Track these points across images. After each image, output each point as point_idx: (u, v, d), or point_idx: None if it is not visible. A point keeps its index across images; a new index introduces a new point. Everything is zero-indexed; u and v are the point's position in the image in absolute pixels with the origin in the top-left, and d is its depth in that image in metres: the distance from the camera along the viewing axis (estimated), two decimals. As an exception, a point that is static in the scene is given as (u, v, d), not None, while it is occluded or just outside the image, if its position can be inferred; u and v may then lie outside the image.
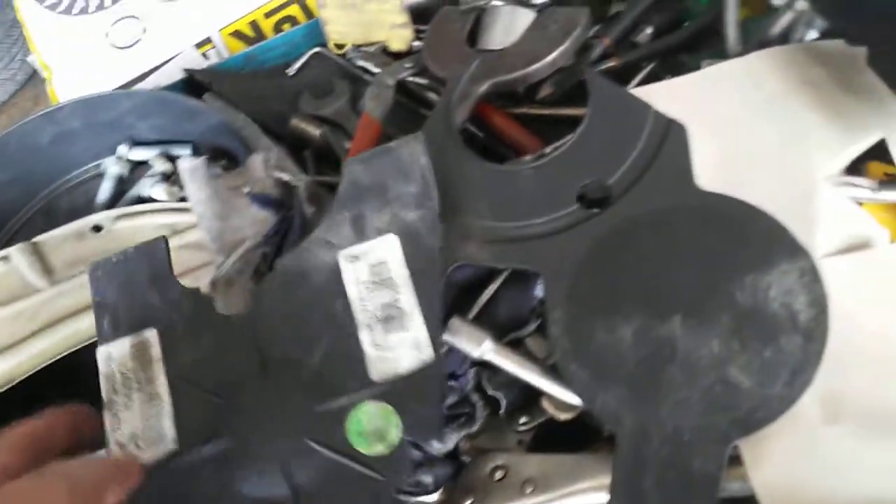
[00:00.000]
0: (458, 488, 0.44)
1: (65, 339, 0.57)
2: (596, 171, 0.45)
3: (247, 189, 0.52)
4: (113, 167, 0.69)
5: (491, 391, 0.44)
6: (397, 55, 0.68)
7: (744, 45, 0.51)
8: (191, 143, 0.68)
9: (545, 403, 0.43)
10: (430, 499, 0.44)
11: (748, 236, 0.40)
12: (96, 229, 0.59)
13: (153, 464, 0.42)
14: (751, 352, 0.37)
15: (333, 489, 0.39)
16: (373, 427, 0.39)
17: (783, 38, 0.51)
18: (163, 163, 0.67)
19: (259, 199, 0.52)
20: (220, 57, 0.76)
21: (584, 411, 0.41)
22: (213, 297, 0.47)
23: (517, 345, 0.45)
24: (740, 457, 0.37)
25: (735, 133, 0.45)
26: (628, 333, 0.39)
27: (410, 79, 0.64)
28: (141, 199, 0.67)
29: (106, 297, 0.47)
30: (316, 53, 0.71)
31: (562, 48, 0.54)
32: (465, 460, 0.45)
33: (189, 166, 0.49)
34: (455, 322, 0.43)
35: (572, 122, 0.49)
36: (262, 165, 0.53)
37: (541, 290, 0.44)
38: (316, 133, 0.65)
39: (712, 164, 0.43)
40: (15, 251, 0.57)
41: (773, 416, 0.36)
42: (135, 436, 0.42)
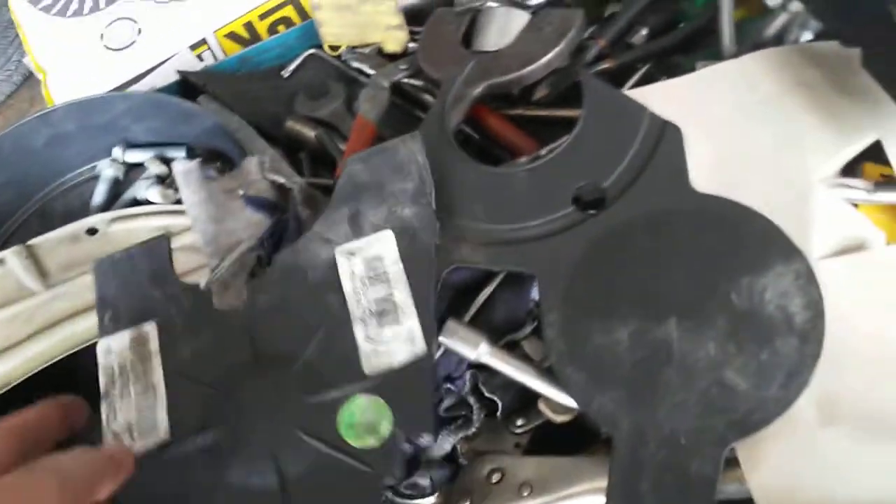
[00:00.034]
0: (455, 491, 0.44)
1: (61, 341, 0.56)
2: (591, 173, 0.45)
3: (241, 192, 0.52)
4: (108, 170, 0.69)
5: (488, 393, 0.44)
6: (392, 57, 0.68)
7: (738, 47, 0.51)
8: (185, 145, 0.68)
9: (542, 406, 0.43)
10: (428, 501, 0.44)
11: (743, 238, 0.40)
12: (91, 232, 0.59)
13: (144, 453, 0.42)
14: (747, 354, 0.37)
15: (322, 481, 0.39)
16: (364, 420, 0.39)
17: (778, 40, 0.51)
18: (157, 165, 0.67)
19: (254, 202, 0.52)
20: (215, 58, 0.76)
21: (581, 414, 0.41)
22: (211, 291, 0.47)
23: (513, 347, 0.45)
24: (737, 459, 0.37)
25: (730, 135, 0.45)
26: (624, 336, 0.39)
27: (405, 80, 0.64)
28: (136, 202, 0.67)
29: (108, 293, 0.48)
30: (311, 55, 0.71)
31: (557, 50, 0.54)
32: (463, 463, 0.45)
33: (183, 169, 0.49)
34: (451, 324, 0.43)
35: (568, 123, 0.49)
36: (257, 168, 0.53)
37: (537, 292, 0.44)
38: (311, 135, 0.65)
39: (707, 166, 0.43)
40: (10, 254, 0.57)
41: (769, 418, 0.36)
42: (129, 426, 0.43)
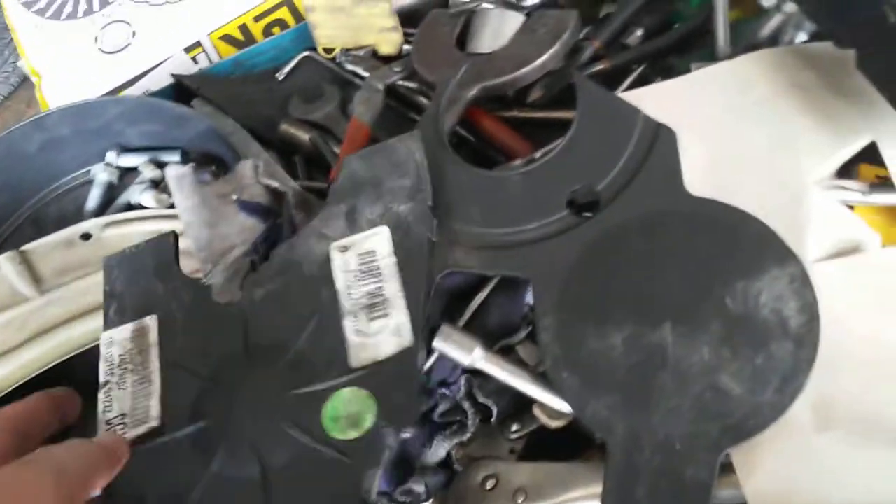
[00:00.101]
0: (449, 497, 0.44)
1: (55, 348, 0.56)
2: (585, 176, 0.45)
3: (235, 196, 0.51)
4: (102, 174, 0.68)
5: (482, 399, 0.44)
6: (387, 59, 0.67)
7: (733, 48, 0.51)
8: (180, 149, 0.68)
9: (536, 411, 0.43)
10: (422, 508, 0.44)
11: (738, 242, 0.40)
12: (85, 237, 0.58)
13: (134, 442, 0.42)
14: (742, 359, 0.37)
15: (303, 472, 0.39)
16: (347, 412, 0.39)
17: (772, 41, 0.51)
18: (152, 169, 0.67)
19: (248, 207, 0.52)
20: (209, 61, 0.76)
21: (576, 419, 0.41)
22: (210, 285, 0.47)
23: (508, 352, 0.45)
24: (732, 464, 0.37)
25: (724, 136, 0.45)
26: (619, 340, 0.39)
27: (400, 83, 0.64)
28: (130, 206, 0.66)
29: (115, 287, 0.49)
30: (305, 57, 0.71)
31: (551, 51, 0.54)
32: (457, 469, 0.45)
33: (176, 174, 0.49)
34: (445, 329, 0.43)
35: (563, 125, 0.49)
36: (251, 172, 0.53)
37: (531, 296, 0.44)
38: (305, 138, 0.64)
39: (701, 169, 0.43)
40: (3, 260, 0.56)
41: (764, 423, 0.36)
42: (123, 415, 0.43)
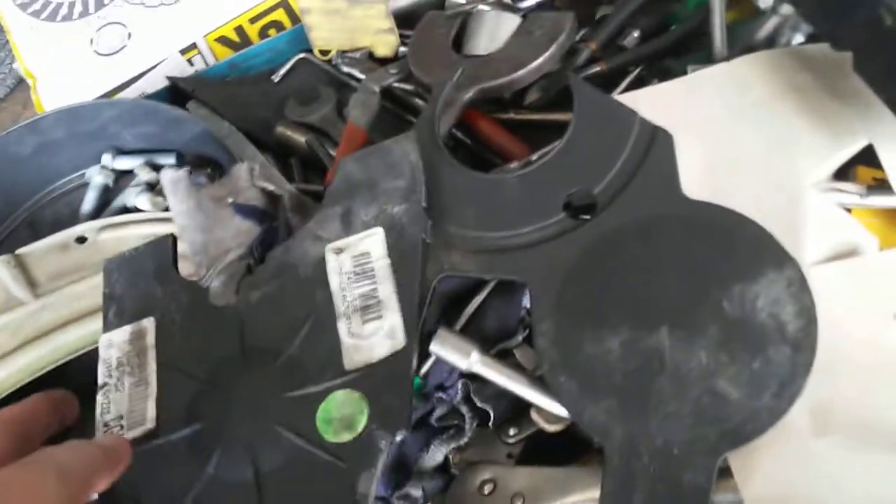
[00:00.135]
0: (447, 502, 0.44)
1: (50, 352, 0.56)
2: (582, 179, 0.44)
3: (231, 200, 0.51)
4: (97, 177, 0.68)
5: (480, 403, 0.44)
6: (383, 61, 0.67)
7: (730, 50, 0.51)
8: (175, 151, 0.67)
9: (534, 415, 0.43)
10: (420, 513, 0.44)
11: (735, 245, 0.40)
12: (80, 240, 0.58)
13: (131, 444, 0.42)
14: (739, 363, 0.37)
15: (296, 475, 0.39)
16: (340, 414, 0.39)
17: (769, 43, 0.50)
18: (147, 172, 0.67)
19: (243, 210, 0.51)
20: (205, 63, 0.76)
21: (573, 423, 0.40)
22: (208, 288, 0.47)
23: (505, 355, 0.45)
24: (730, 469, 0.37)
25: (721, 139, 0.45)
26: (616, 344, 0.39)
27: (396, 85, 0.64)
28: (126, 209, 0.66)
29: (115, 290, 0.49)
30: (301, 59, 0.71)
31: (547, 53, 0.54)
32: (455, 473, 0.45)
33: (171, 179, 0.49)
34: (442, 333, 0.43)
35: (560, 127, 0.49)
36: (247, 175, 0.52)
37: (528, 300, 0.44)
38: (302, 140, 0.64)
39: (698, 171, 0.43)
40: (-2, 264, 0.56)
41: (762, 428, 0.35)
42: (120, 417, 0.44)
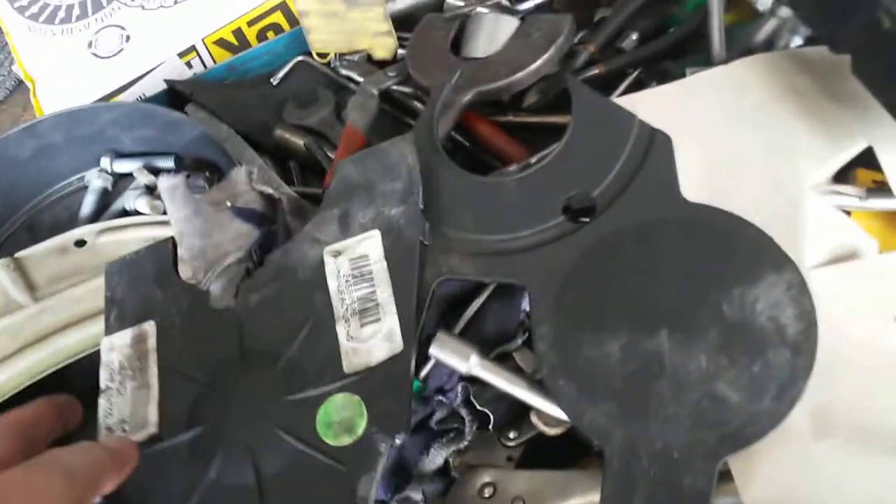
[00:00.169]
0: (447, 506, 0.44)
1: (50, 356, 0.56)
2: (580, 182, 0.44)
3: (229, 203, 0.51)
4: (96, 180, 0.68)
5: (479, 406, 0.44)
6: (381, 64, 0.67)
7: (728, 52, 0.51)
8: (174, 154, 0.67)
9: (534, 418, 0.43)
10: (420, 516, 0.44)
11: (734, 248, 0.40)
12: (79, 244, 0.58)
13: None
14: (739, 366, 0.37)
15: (297, 479, 0.39)
16: (340, 418, 0.39)
17: (768, 45, 0.50)
18: (146, 175, 0.66)
19: (242, 213, 0.51)
20: (204, 66, 0.76)
21: (573, 427, 0.40)
22: (209, 291, 0.47)
23: (504, 359, 0.45)
24: (730, 472, 0.37)
25: (720, 142, 0.45)
26: (616, 348, 0.39)
27: (395, 87, 0.64)
28: (125, 212, 0.66)
29: (116, 293, 0.49)
30: (299, 62, 0.71)
31: (546, 56, 0.54)
32: (455, 476, 0.45)
33: (168, 185, 0.48)
34: (442, 337, 0.43)
35: (558, 129, 0.49)
36: (246, 178, 0.53)
37: (527, 303, 0.44)
38: (300, 143, 0.64)
39: (697, 174, 0.43)
40: (-3, 267, 0.56)
41: (762, 431, 0.35)
42: (123, 421, 0.44)
